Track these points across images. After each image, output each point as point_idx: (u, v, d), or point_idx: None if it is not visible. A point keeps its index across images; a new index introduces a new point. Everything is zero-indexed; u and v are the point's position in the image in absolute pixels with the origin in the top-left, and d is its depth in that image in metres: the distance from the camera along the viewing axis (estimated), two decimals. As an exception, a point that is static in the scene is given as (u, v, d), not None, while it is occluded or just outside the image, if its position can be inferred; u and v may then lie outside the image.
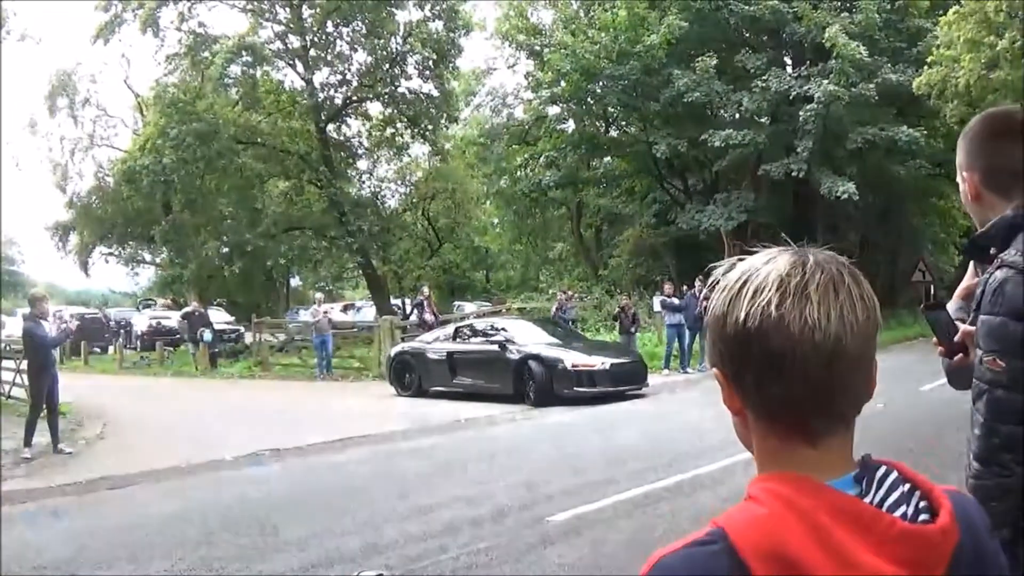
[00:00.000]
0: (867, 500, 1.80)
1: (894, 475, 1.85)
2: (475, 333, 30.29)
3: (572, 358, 26.68)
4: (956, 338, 4.01)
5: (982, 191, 3.78)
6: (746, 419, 1.91)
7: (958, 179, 3.96)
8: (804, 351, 1.77)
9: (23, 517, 14.46)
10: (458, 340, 30.18)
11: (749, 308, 1.81)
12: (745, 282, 1.85)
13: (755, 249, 1.91)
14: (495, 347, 28.19)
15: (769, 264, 1.86)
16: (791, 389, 1.80)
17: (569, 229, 65.60)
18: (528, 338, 28.69)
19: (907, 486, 1.84)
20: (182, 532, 12.69)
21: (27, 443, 20.16)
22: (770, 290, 1.80)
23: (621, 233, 59.77)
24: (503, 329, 29.47)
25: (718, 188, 50.77)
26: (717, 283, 1.92)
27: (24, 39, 42.42)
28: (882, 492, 1.82)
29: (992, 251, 3.68)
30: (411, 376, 30.22)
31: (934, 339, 4.09)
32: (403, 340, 34.98)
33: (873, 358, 1.87)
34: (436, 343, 30.53)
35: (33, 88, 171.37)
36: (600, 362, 26.81)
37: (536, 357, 26.98)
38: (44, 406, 20.44)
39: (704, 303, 33.34)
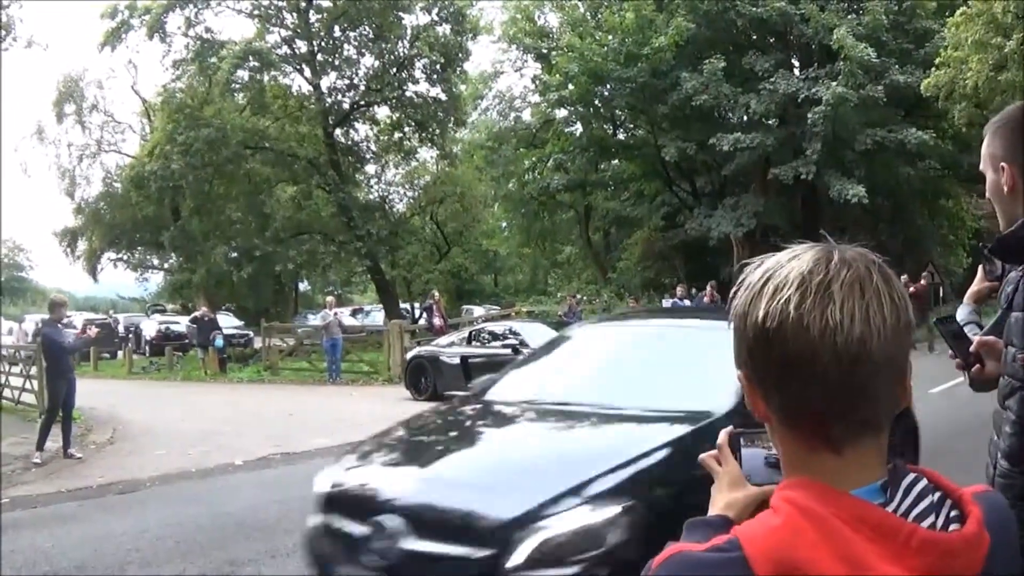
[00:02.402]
0: (892, 509, 1.75)
1: (923, 483, 1.80)
2: (490, 337, 29.83)
3: None
4: (971, 349, 3.98)
5: (1021, 185, 3.68)
6: (772, 424, 1.87)
7: (986, 171, 3.86)
8: (824, 354, 1.70)
9: (33, 522, 14.45)
10: (473, 344, 29.61)
11: (768, 307, 1.75)
12: (767, 280, 1.79)
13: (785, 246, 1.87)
14: (508, 351, 26.90)
15: (793, 261, 1.80)
16: (810, 394, 1.74)
17: (577, 232, 65.53)
18: (542, 341, 27.80)
19: (937, 495, 1.79)
20: (193, 536, 12.69)
21: (39, 447, 20.17)
22: (790, 288, 1.74)
23: (630, 236, 59.78)
24: (516, 332, 28.95)
25: (726, 191, 50.72)
26: (743, 281, 1.86)
27: (31, 45, 42.41)
28: (909, 501, 1.77)
29: None
30: (427, 381, 29.71)
31: (949, 352, 4.07)
32: (419, 344, 34.57)
33: (905, 363, 1.81)
34: (451, 347, 30.07)
35: (40, 94, 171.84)
36: None
37: None
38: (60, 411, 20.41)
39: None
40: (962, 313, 4.68)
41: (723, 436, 2.34)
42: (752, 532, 1.73)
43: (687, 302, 34.46)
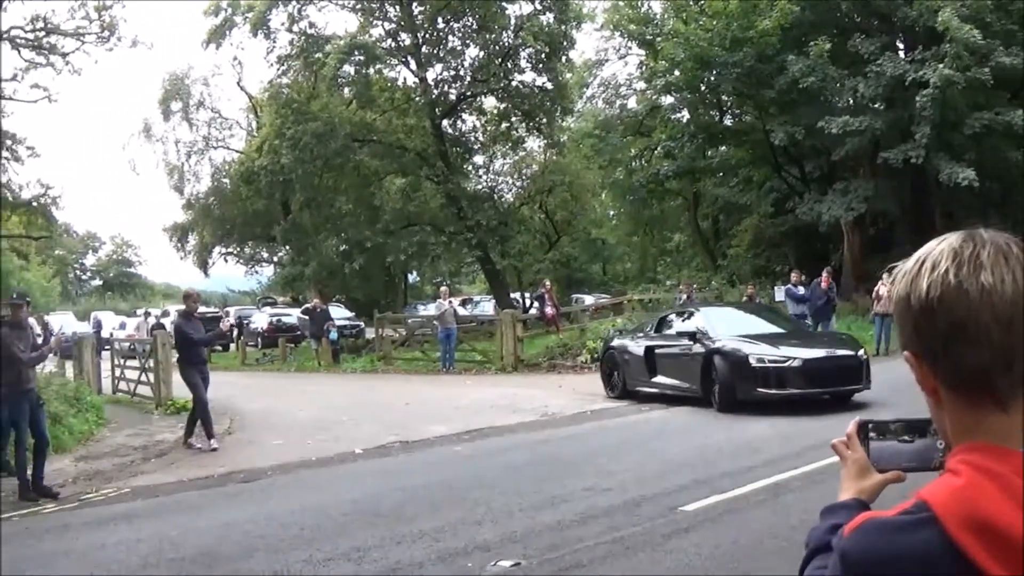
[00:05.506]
0: None
1: None
2: (674, 323, 25.85)
3: (757, 352, 21.74)
4: None
5: None
6: (939, 397, 2.00)
7: None
8: (984, 315, 1.87)
9: (157, 510, 14.70)
10: (660, 333, 25.97)
11: (929, 281, 1.93)
12: (922, 262, 1.98)
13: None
14: (687, 340, 23.84)
15: (942, 243, 1.99)
16: (976, 355, 1.88)
17: (686, 220, 65.29)
18: (725, 329, 23.65)
19: None
20: (317, 523, 12.83)
21: (209, 435, 20.87)
22: (946, 261, 1.93)
23: (739, 223, 59.38)
24: (698, 317, 24.99)
25: (835, 176, 50.22)
26: (898, 273, 2.05)
27: (136, 45, 43.05)
28: None
29: None
30: (617, 375, 26.62)
31: None
32: (619, 334, 30.31)
33: None
34: (639, 337, 26.70)
35: (146, 93, 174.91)
36: (790, 357, 21.54)
37: (720, 352, 22.41)
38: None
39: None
40: None
41: (852, 425, 2.43)
42: (939, 493, 1.86)
43: (802, 289, 33.88)
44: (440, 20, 50.22)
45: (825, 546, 2.18)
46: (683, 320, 25.60)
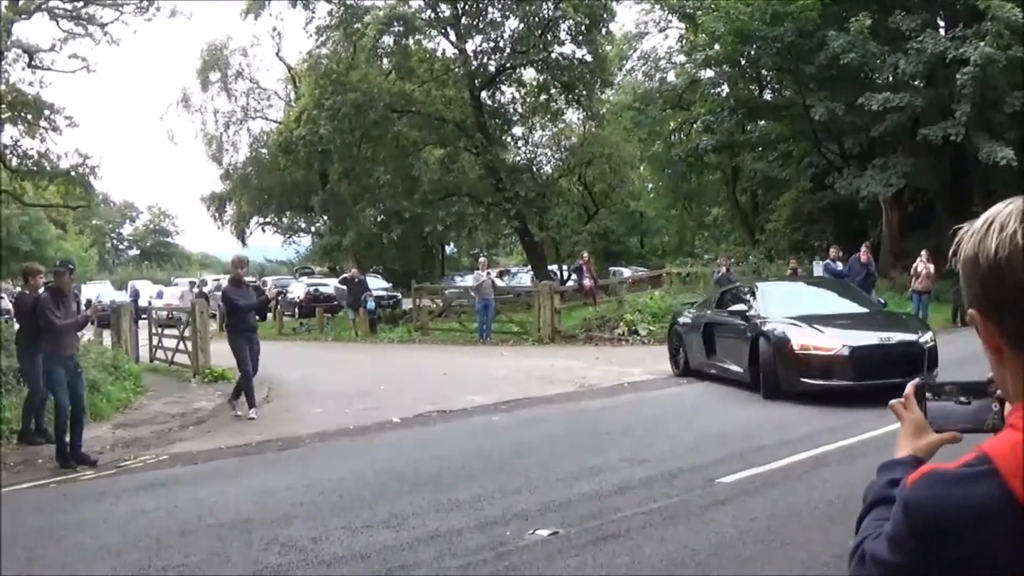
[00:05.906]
0: None
1: None
2: (731, 300, 23.56)
3: (800, 337, 19.22)
4: None
5: None
6: (1003, 356, 2.05)
7: None
8: None
9: (195, 477, 14.78)
10: (719, 309, 23.84)
11: (998, 241, 1.98)
12: (990, 223, 2.03)
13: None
14: (739, 319, 21.66)
15: (1009, 206, 2.04)
16: None
17: (725, 194, 65.12)
18: (777, 308, 21.18)
19: None
20: (356, 491, 12.92)
21: (234, 397, 21.19)
22: (1014, 223, 1.98)
23: (778, 198, 59.18)
24: (755, 294, 22.61)
25: (874, 152, 49.95)
26: (964, 233, 2.11)
27: (175, 15, 43.03)
28: None
29: None
30: (682, 351, 24.59)
31: None
32: (689, 307, 28.25)
33: None
34: (702, 313, 24.60)
35: (185, 63, 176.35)
36: (837, 344, 18.89)
37: (766, 335, 19.92)
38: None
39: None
40: None
41: (910, 387, 2.48)
42: (1000, 447, 1.94)
43: (840, 264, 33.65)
44: (480, -9, 50.08)
45: (884, 499, 2.27)
46: (740, 296, 23.30)
